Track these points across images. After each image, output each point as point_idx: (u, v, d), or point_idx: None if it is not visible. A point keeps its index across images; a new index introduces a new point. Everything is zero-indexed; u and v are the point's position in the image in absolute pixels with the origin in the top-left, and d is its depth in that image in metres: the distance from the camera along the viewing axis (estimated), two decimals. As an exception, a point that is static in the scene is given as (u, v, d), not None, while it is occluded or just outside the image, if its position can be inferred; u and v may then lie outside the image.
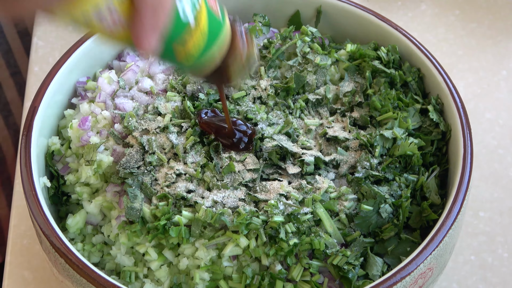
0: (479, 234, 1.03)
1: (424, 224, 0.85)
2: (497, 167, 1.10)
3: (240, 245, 0.80)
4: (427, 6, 1.29)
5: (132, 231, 0.83)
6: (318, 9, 1.01)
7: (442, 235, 0.79)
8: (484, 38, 1.25)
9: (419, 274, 0.77)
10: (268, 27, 1.00)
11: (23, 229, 1.03)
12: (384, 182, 0.86)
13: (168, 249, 0.82)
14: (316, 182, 0.85)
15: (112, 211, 0.86)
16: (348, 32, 1.01)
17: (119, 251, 0.84)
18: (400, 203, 0.84)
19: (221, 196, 0.83)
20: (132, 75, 0.94)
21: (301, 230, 0.81)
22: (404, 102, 0.92)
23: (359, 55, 0.96)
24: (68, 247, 0.79)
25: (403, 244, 0.83)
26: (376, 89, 0.93)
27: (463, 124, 0.87)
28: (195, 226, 0.81)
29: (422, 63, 0.94)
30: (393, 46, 0.96)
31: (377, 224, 0.84)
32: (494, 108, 1.16)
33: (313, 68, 0.94)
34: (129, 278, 0.83)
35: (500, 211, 1.05)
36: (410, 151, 0.87)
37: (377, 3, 1.28)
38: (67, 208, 0.90)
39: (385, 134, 0.88)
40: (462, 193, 0.82)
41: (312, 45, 0.96)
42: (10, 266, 1.00)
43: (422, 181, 0.86)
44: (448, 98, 0.90)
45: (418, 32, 1.24)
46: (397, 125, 0.89)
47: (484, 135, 1.13)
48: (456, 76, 1.19)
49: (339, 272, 0.81)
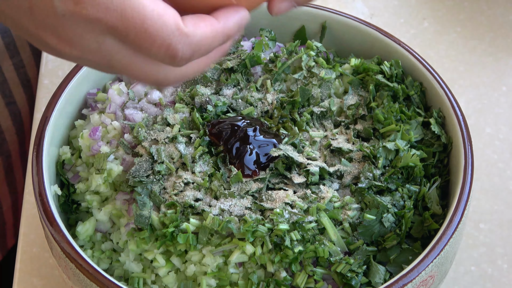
0: (480, 246, 1.05)
1: (426, 234, 0.87)
2: (497, 180, 1.12)
3: (246, 252, 0.82)
4: (429, 23, 1.32)
5: (140, 238, 0.85)
6: (323, 24, 1.03)
7: (443, 244, 0.81)
8: (485, 54, 1.28)
9: (420, 282, 0.79)
10: (274, 41, 1.02)
11: (33, 238, 1.05)
12: (386, 193, 0.88)
13: (175, 255, 0.84)
14: (321, 192, 0.87)
15: (121, 219, 0.88)
16: (352, 47, 1.03)
17: (127, 258, 0.86)
18: (403, 214, 0.86)
19: (228, 205, 0.85)
20: (142, 86, 0.97)
21: (306, 238, 0.83)
22: (407, 115, 0.94)
23: (362, 69, 0.98)
24: (78, 252, 0.80)
25: (405, 252, 0.85)
26: (380, 102, 0.95)
27: (464, 136, 0.89)
28: (202, 234, 0.83)
29: (424, 77, 0.96)
30: (396, 61, 0.98)
31: (380, 233, 0.85)
32: (494, 123, 1.18)
33: (318, 82, 0.96)
34: (137, 284, 0.85)
35: (500, 223, 1.07)
36: (413, 163, 0.89)
37: (380, 19, 1.31)
38: (77, 216, 0.92)
39: (388, 146, 0.90)
40: (463, 203, 0.84)
41: (317, 59, 0.98)
42: (20, 273, 1.02)
43: (424, 191, 0.88)
44: (449, 111, 0.92)
45: (421, 48, 1.26)
46: (399, 137, 0.91)
47: (485, 149, 1.15)
48: (457, 92, 1.21)
49: (343, 279, 0.82)
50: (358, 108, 0.95)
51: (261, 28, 1.03)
